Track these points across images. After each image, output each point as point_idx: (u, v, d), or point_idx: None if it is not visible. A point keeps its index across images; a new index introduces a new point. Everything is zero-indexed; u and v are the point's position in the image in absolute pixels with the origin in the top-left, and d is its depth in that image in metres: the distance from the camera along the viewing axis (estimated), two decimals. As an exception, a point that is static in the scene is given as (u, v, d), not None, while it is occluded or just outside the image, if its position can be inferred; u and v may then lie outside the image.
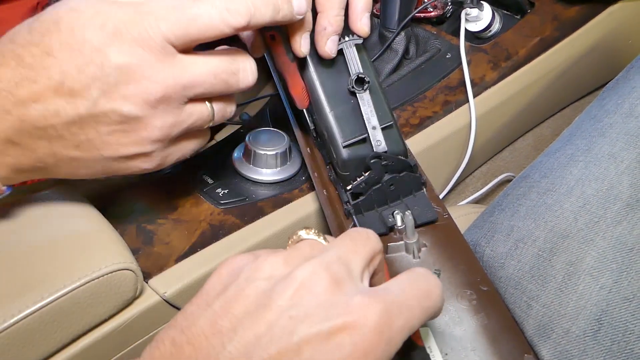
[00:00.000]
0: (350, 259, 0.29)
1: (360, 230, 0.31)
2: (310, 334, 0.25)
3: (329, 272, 0.27)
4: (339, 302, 0.26)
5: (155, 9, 0.36)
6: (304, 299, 0.26)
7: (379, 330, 0.25)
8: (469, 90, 0.64)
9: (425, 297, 0.29)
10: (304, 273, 0.27)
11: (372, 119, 0.45)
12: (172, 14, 0.36)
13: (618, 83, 0.49)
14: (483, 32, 0.71)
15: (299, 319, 0.25)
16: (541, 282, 0.39)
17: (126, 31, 0.35)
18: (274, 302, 0.26)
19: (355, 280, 0.28)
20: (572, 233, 0.40)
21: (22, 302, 0.39)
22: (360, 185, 0.44)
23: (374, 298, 0.26)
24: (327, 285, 0.27)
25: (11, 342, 0.38)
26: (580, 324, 0.37)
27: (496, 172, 0.78)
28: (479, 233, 0.46)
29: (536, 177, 0.46)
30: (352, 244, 0.29)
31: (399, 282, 0.29)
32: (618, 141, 0.42)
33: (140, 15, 0.35)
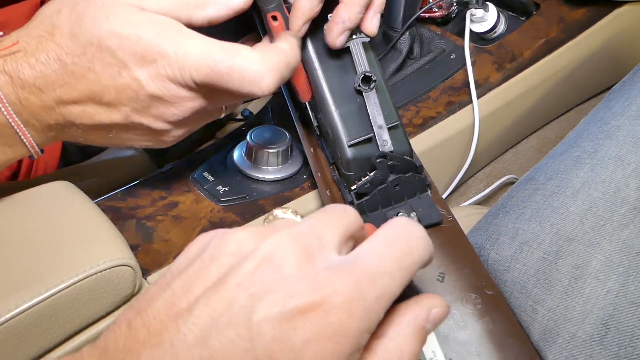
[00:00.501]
0: (323, 232, 0.26)
1: (336, 205, 0.29)
2: (272, 314, 0.23)
3: (298, 244, 0.25)
4: (304, 277, 0.24)
5: (192, 56, 0.37)
6: (266, 274, 0.24)
7: (349, 307, 0.23)
8: (473, 91, 0.64)
9: (405, 256, 0.26)
10: (270, 245, 0.25)
11: (378, 118, 0.44)
12: (206, 66, 0.38)
13: (625, 85, 0.49)
14: (488, 33, 0.70)
15: (259, 296, 0.24)
16: (547, 285, 0.39)
17: (162, 68, 0.38)
18: (234, 279, 0.24)
19: (327, 253, 0.26)
20: (578, 236, 0.39)
21: (20, 296, 0.38)
22: (365, 185, 0.43)
23: (343, 271, 0.24)
24: (294, 259, 0.25)
25: (8, 337, 0.38)
26: (587, 328, 0.36)
27: (499, 174, 0.77)
28: (483, 235, 0.45)
29: (541, 179, 0.45)
30: (327, 217, 0.27)
31: (373, 244, 0.26)
32: (625, 144, 0.42)
33: (177, 57, 0.37)
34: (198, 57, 0.37)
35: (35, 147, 0.41)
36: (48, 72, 0.38)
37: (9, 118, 0.38)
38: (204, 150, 0.59)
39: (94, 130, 0.41)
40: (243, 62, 0.38)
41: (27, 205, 0.45)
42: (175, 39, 0.38)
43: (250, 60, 0.38)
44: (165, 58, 0.37)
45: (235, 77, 0.38)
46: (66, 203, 0.46)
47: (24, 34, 0.39)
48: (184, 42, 0.38)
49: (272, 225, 0.28)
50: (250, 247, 0.26)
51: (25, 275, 0.39)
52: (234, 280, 0.24)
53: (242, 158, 0.55)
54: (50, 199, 0.46)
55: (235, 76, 0.38)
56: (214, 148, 0.59)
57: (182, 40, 0.38)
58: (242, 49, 0.38)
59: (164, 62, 0.38)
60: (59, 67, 0.38)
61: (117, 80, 0.38)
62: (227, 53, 0.38)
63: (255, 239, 0.26)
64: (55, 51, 0.38)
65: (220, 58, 0.37)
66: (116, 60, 0.38)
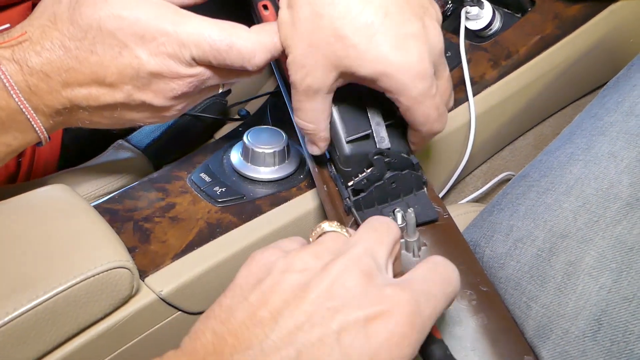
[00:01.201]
0: (376, 251, 0.30)
1: (381, 220, 0.32)
2: (349, 321, 0.27)
3: (359, 266, 0.29)
4: (371, 293, 0.28)
5: (192, 34, 0.40)
6: (339, 292, 0.28)
7: (412, 318, 0.27)
8: (469, 88, 0.64)
9: (446, 284, 0.30)
10: (337, 268, 0.28)
11: (376, 116, 0.45)
12: (205, 43, 0.40)
13: (619, 81, 0.49)
14: (483, 31, 0.70)
15: (336, 309, 0.27)
16: (540, 282, 0.39)
17: (162, 46, 0.40)
18: (311, 294, 0.28)
19: (382, 270, 0.30)
20: (572, 232, 0.39)
21: (18, 299, 0.39)
22: (362, 182, 0.44)
23: (404, 288, 0.28)
24: (359, 279, 0.28)
25: (6, 340, 0.38)
26: (580, 324, 0.37)
27: (496, 171, 0.77)
28: (478, 233, 0.46)
29: (536, 176, 0.45)
30: (376, 235, 0.31)
31: (421, 271, 0.31)
32: (618, 140, 0.42)
33: (176, 35, 0.40)
34: (197, 35, 0.40)
35: (45, 133, 0.43)
36: (53, 58, 0.40)
37: (20, 105, 0.40)
38: (201, 151, 0.59)
39: (99, 111, 0.43)
40: (239, 41, 0.41)
41: (25, 208, 0.45)
42: (174, 19, 0.40)
43: (247, 40, 0.41)
44: (165, 36, 0.40)
45: (233, 54, 0.41)
46: (64, 206, 0.46)
47: (28, 24, 0.41)
48: (182, 20, 0.40)
49: (325, 244, 0.31)
50: (315, 265, 0.29)
51: (23, 278, 0.40)
52: (311, 296, 0.28)
53: (239, 159, 0.56)
54: (48, 202, 0.46)
55: (233, 53, 0.41)
56: (211, 149, 0.59)
57: (180, 19, 0.40)
58: (238, 27, 0.41)
59: (164, 39, 0.40)
60: (63, 53, 0.40)
61: (118, 60, 0.40)
62: (225, 32, 0.40)
63: (317, 258, 0.30)
64: (59, 38, 0.40)
65: (219, 36, 0.40)
66: (116, 41, 0.40)
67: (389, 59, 0.38)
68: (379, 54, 0.38)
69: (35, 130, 0.42)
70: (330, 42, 0.39)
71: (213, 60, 0.41)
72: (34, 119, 0.41)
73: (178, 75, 0.41)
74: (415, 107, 0.40)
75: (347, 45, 0.38)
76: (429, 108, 0.41)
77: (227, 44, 0.40)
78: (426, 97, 0.40)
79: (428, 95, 0.40)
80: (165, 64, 0.41)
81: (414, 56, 0.39)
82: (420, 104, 0.40)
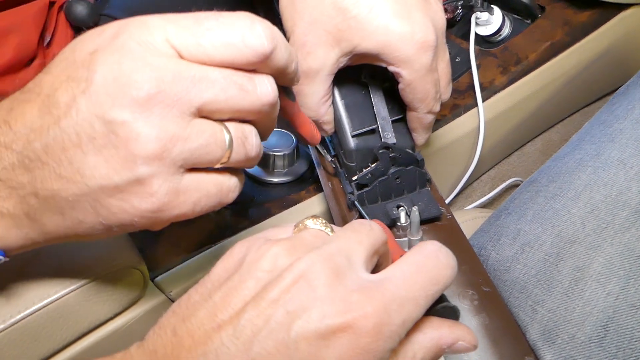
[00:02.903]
0: (352, 250, 0.28)
1: (363, 222, 0.30)
2: (308, 331, 0.25)
3: (330, 263, 0.26)
4: (337, 297, 0.26)
5: (161, 17, 0.31)
6: (302, 292, 0.26)
7: (377, 330, 0.25)
8: (478, 94, 0.64)
9: (432, 284, 0.27)
10: (303, 265, 0.26)
11: (382, 111, 0.45)
12: (190, 28, 0.30)
13: (629, 89, 0.49)
14: (493, 36, 0.71)
15: (296, 314, 0.25)
16: (547, 286, 0.39)
17: (125, 34, 0.30)
18: (272, 295, 0.26)
19: (356, 271, 0.27)
20: (580, 238, 0.40)
21: (29, 298, 0.39)
22: (366, 176, 0.44)
23: (373, 294, 0.26)
24: (327, 278, 0.26)
25: (18, 338, 0.39)
26: (586, 330, 0.37)
27: (504, 176, 0.77)
28: (485, 237, 0.46)
29: (544, 181, 0.45)
30: (355, 235, 0.29)
31: (403, 269, 0.28)
32: (628, 147, 0.42)
33: (146, 23, 0.30)
34: (171, 16, 0.31)
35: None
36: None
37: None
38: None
39: (40, 170, 0.32)
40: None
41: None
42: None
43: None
44: (132, 25, 0.31)
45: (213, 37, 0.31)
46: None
47: None
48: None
49: (303, 239, 0.29)
50: (285, 263, 0.27)
51: (35, 277, 0.40)
52: (271, 297, 0.26)
53: (248, 161, 0.56)
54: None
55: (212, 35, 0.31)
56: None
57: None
58: None
59: (129, 28, 0.31)
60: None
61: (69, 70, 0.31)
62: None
63: (289, 255, 0.27)
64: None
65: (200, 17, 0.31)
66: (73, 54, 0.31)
67: (391, 28, 0.37)
68: (381, 23, 0.37)
69: None
70: (331, 15, 0.37)
71: (190, 46, 0.30)
72: None
73: (143, 62, 0.30)
74: (417, 81, 0.39)
75: (348, 17, 0.37)
76: (430, 83, 0.40)
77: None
78: (429, 70, 0.39)
79: (431, 68, 0.39)
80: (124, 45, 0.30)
81: (418, 25, 0.37)
82: (422, 78, 0.39)
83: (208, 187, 0.32)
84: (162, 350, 0.26)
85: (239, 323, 0.25)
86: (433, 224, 0.44)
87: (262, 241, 0.29)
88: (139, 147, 0.28)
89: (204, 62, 0.30)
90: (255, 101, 0.31)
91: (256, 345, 0.25)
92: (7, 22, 0.58)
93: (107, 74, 0.29)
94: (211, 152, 0.31)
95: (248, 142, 0.32)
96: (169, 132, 0.29)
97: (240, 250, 0.29)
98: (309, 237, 0.29)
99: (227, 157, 0.31)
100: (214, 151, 0.31)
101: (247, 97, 0.31)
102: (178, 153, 0.29)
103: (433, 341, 0.28)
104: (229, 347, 0.25)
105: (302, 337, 0.25)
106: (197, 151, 0.30)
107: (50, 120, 0.29)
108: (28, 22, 0.60)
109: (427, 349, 0.28)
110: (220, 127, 0.31)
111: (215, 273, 0.29)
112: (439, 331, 0.28)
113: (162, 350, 0.26)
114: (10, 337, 0.38)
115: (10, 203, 0.31)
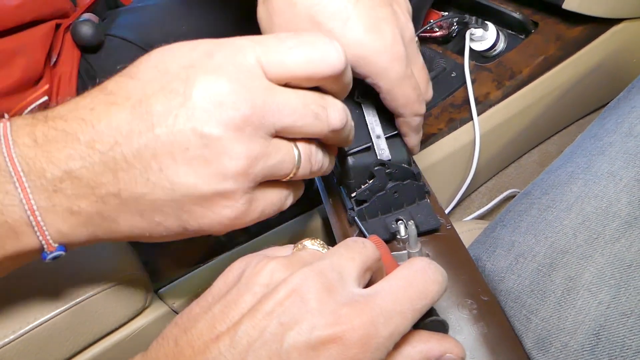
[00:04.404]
0: (344, 266, 0.29)
1: (356, 239, 0.31)
2: (299, 342, 0.26)
3: (321, 279, 0.28)
4: (327, 310, 0.27)
5: (249, 39, 0.33)
6: (295, 306, 0.27)
7: (365, 342, 0.26)
8: (473, 108, 0.65)
9: (419, 298, 0.29)
10: (297, 280, 0.28)
11: (376, 129, 0.46)
12: (274, 47, 0.33)
13: (619, 102, 0.50)
14: (488, 51, 0.72)
15: (289, 325, 0.27)
16: (540, 296, 0.40)
17: (220, 53, 0.32)
18: (266, 308, 0.27)
19: (347, 286, 0.28)
20: (572, 249, 0.41)
21: (37, 310, 0.40)
22: (364, 192, 0.45)
23: (361, 308, 0.27)
24: (318, 292, 0.27)
25: (27, 348, 0.40)
26: (579, 338, 0.37)
27: (501, 188, 0.78)
28: (481, 248, 0.47)
29: (537, 193, 0.46)
30: (347, 252, 0.30)
31: (392, 283, 0.29)
32: (617, 160, 0.43)
33: (238, 45, 0.32)
34: (264, 39, 0.34)
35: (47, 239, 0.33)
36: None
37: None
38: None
39: (127, 172, 0.33)
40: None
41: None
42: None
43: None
44: (226, 47, 0.34)
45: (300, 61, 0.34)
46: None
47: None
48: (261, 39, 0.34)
49: (299, 257, 0.30)
50: (280, 278, 0.28)
51: (42, 289, 0.41)
52: (266, 309, 0.27)
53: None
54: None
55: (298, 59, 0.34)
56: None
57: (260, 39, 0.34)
58: None
59: (221, 48, 0.34)
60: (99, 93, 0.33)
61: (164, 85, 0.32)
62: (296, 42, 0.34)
63: (285, 270, 0.29)
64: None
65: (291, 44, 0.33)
66: (164, 66, 0.33)
67: (364, 42, 0.39)
68: (355, 37, 0.39)
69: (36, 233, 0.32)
70: (306, 28, 0.39)
71: (278, 68, 0.33)
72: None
73: (241, 88, 0.33)
74: (395, 89, 0.41)
75: (323, 30, 0.39)
76: (408, 88, 0.41)
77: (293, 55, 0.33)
78: (404, 77, 0.41)
79: (406, 75, 0.41)
80: (225, 72, 0.32)
81: (388, 39, 0.40)
82: (400, 86, 0.41)
83: (273, 196, 0.35)
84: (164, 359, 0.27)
85: (235, 334, 0.27)
86: (433, 235, 0.45)
87: (260, 257, 0.30)
88: (230, 163, 0.31)
89: (287, 79, 0.33)
90: (325, 128, 0.34)
91: (251, 355, 0.26)
92: (15, 44, 0.59)
93: (205, 92, 0.31)
94: (284, 168, 0.34)
95: (313, 158, 0.36)
96: (255, 151, 0.32)
97: (240, 265, 0.31)
98: (306, 255, 0.31)
99: (294, 173, 0.35)
100: (286, 168, 0.34)
101: (319, 125, 0.34)
102: (260, 170, 0.32)
103: (422, 354, 0.29)
104: (226, 356, 0.26)
105: (294, 347, 0.26)
106: (274, 168, 0.33)
107: (142, 126, 0.31)
108: (36, 43, 0.61)
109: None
110: (292, 146, 0.34)
111: (216, 287, 0.30)
112: (428, 344, 0.30)
113: (164, 359, 0.28)
114: (18, 348, 0.39)
115: (85, 202, 0.32)
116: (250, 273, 0.29)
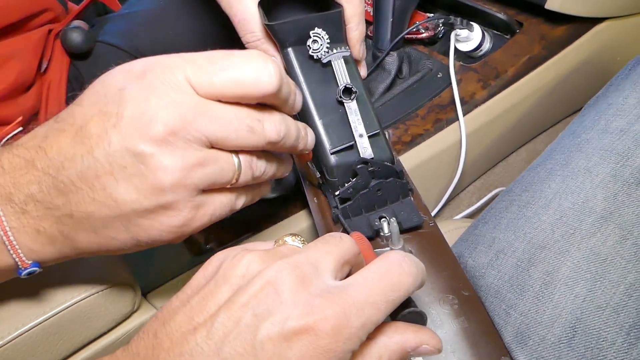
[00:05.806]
0: (319, 260, 0.30)
1: (334, 234, 0.32)
2: (272, 333, 0.27)
3: (296, 271, 0.29)
4: (300, 302, 0.28)
5: (180, 57, 0.35)
6: (269, 297, 0.28)
7: (337, 332, 0.27)
8: (459, 108, 0.66)
9: (393, 290, 0.29)
10: (272, 272, 0.29)
11: (358, 127, 0.47)
12: (204, 67, 0.34)
13: (597, 100, 0.51)
14: (474, 52, 0.73)
15: (263, 317, 0.27)
16: (519, 291, 0.41)
17: (151, 73, 0.34)
18: (242, 299, 0.28)
19: (323, 279, 0.29)
20: (549, 244, 0.41)
21: (26, 315, 0.41)
22: (348, 191, 0.46)
23: (334, 299, 0.28)
24: (292, 284, 0.28)
25: (15, 354, 0.40)
26: (556, 331, 0.38)
27: (490, 186, 0.79)
28: (463, 245, 0.48)
29: (518, 190, 0.47)
30: (324, 246, 0.31)
31: (366, 275, 0.30)
32: (594, 156, 0.44)
33: (168, 64, 0.34)
34: (192, 56, 0.36)
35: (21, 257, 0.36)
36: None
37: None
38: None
39: (75, 194, 0.35)
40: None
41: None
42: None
43: None
44: (156, 64, 0.36)
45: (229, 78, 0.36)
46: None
47: None
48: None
49: (278, 251, 0.31)
50: (257, 270, 0.29)
51: (29, 295, 0.42)
52: (241, 301, 0.28)
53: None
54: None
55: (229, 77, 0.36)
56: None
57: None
58: None
59: (153, 66, 0.36)
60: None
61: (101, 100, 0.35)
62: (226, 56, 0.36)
63: (262, 262, 0.30)
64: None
65: (220, 56, 0.36)
66: (104, 86, 0.35)
67: None
68: None
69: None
70: None
71: (208, 86, 0.34)
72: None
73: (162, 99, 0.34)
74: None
75: None
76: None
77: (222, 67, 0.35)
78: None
79: None
80: (150, 86, 0.34)
81: None
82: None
83: (222, 199, 0.37)
84: (144, 352, 0.28)
85: (212, 326, 0.28)
86: (416, 232, 0.46)
87: (239, 250, 0.31)
88: (165, 177, 0.33)
89: (217, 99, 0.34)
90: (261, 140, 0.36)
91: (226, 345, 0.27)
92: (10, 49, 0.60)
93: (135, 110, 0.33)
94: (224, 176, 0.36)
95: (254, 165, 0.37)
96: (189, 162, 0.33)
97: (219, 258, 0.32)
98: (284, 250, 0.31)
99: (235, 179, 0.36)
100: (226, 176, 0.36)
101: (254, 137, 0.35)
102: (198, 179, 0.34)
103: (398, 345, 0.30)
104: (202, 347, 0.27)
105: (267, 338, 0.27)
106: (213, 176, 0.35)
107: (83, 150, 0.33)
108: (29, 49, 0.62)
109: (392, 352, 0.30)
110: (231, 155, 0.36)
111: (195, 280, 0.31)
112: (404, 335, 0.30)
113: (144, 352, 0.28)
114: (7, 353, 0.40)
115: (46, 222, 0.35)
116: (227, 265, 0.30)
